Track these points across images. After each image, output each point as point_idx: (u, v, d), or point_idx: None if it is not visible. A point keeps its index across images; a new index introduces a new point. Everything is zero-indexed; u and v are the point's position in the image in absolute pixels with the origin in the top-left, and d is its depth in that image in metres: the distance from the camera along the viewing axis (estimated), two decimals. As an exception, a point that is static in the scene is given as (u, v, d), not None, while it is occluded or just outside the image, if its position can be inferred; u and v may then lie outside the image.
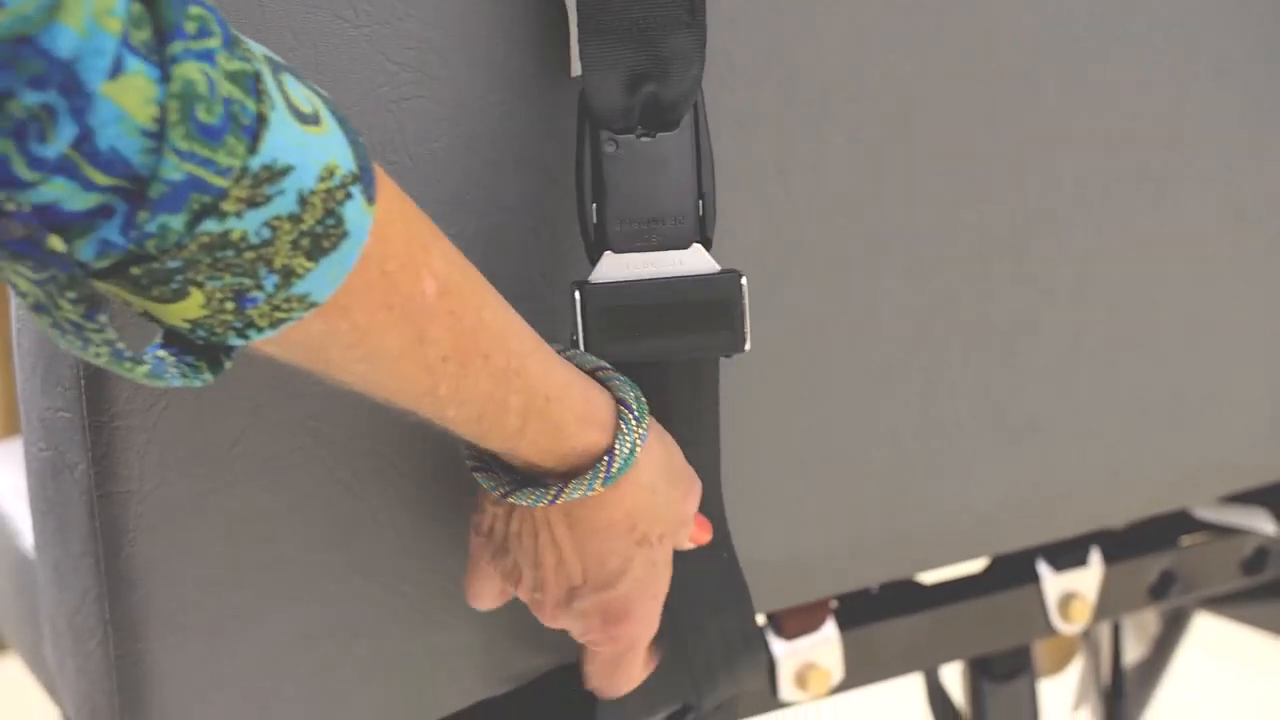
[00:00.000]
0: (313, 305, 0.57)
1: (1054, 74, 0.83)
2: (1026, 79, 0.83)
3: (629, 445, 0.68)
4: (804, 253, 0.80)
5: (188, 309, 0.55)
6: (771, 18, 0.76)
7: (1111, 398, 0.90)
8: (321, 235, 0.56)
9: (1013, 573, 0.96)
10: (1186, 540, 1.00)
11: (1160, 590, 0.99)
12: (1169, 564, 0.99)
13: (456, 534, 0.75)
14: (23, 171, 0.50)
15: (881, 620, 0.92)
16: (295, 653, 0.73)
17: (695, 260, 0.71)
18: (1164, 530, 1.00)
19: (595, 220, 0.70)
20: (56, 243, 0.52)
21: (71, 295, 0.53)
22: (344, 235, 0.56)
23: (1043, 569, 0.95)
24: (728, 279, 0.71)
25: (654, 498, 0.70)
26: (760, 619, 0.89)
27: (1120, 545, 0.98)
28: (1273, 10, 0.89)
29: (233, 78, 0.53)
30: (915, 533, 0.87)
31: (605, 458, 0.68)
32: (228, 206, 0.54)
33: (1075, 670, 1.19)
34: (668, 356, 0.71)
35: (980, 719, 1.04)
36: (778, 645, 0.89)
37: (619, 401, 0.69)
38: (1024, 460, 0.88)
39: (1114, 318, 0.89)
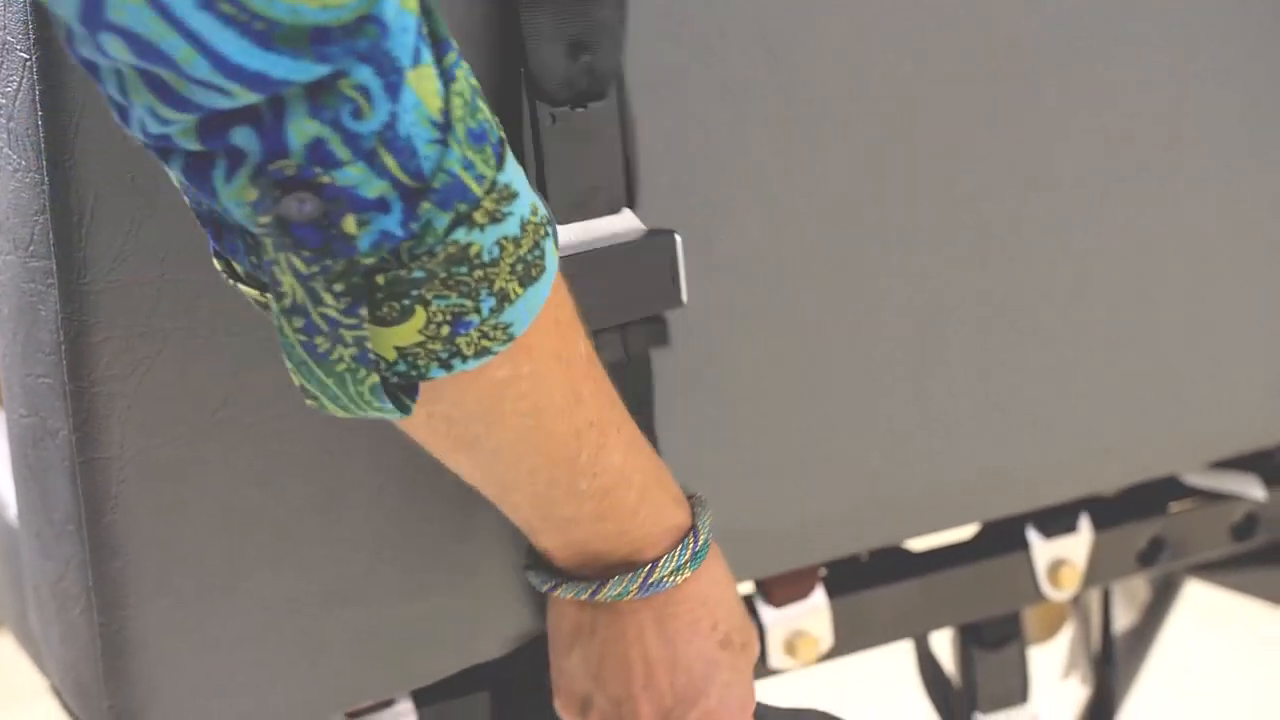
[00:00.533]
0: (511, 338, 0.59)
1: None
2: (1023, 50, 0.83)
3: (707, 523, 0.71)
4: (796, 218, 0.80)
5: (406, 332, 0.57)
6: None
7: (1102, 366, 0.90)
8: (531, 263, 0.58)
9: (1002, 539, 0.96)
10: (1176, 507, 1.00)
11: (1150, 557, 0.99)
12: (1158, 530, 0.99)
13: (441, 499, 0.75)
14: (339, 149, 0.53)
15: (871, 587, 0.92)
16: (280, 619, 0.73)
17: (626, 224, 0.72)
18: (1153, 497, 0.99)
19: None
20: (351, 224, 0.54)
21: (339, 288, 0.55)
22: (544, 269, 0.59)
23: (1032, 536, 0.95)
24: (664, 240, 0.73)
25: (726, 592, 0.73)
26: (748, 586, 0.89)
27: (1110, 512, 0.98)
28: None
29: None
30: (904, 499, 0.87)
31: (690, 535, 0.70)
32: (478, 217, 0.56)
33: (1065, 638, 1.19)
34: (617, 320, 0.72)
35: (970, 686, 1.04)
36: (766, 613, 0.88)
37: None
38: (1014, 428, 0.88)
39: (1106, 287, 0.89)
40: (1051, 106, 0.84)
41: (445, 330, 0.57)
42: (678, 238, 0.73)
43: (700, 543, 0.70)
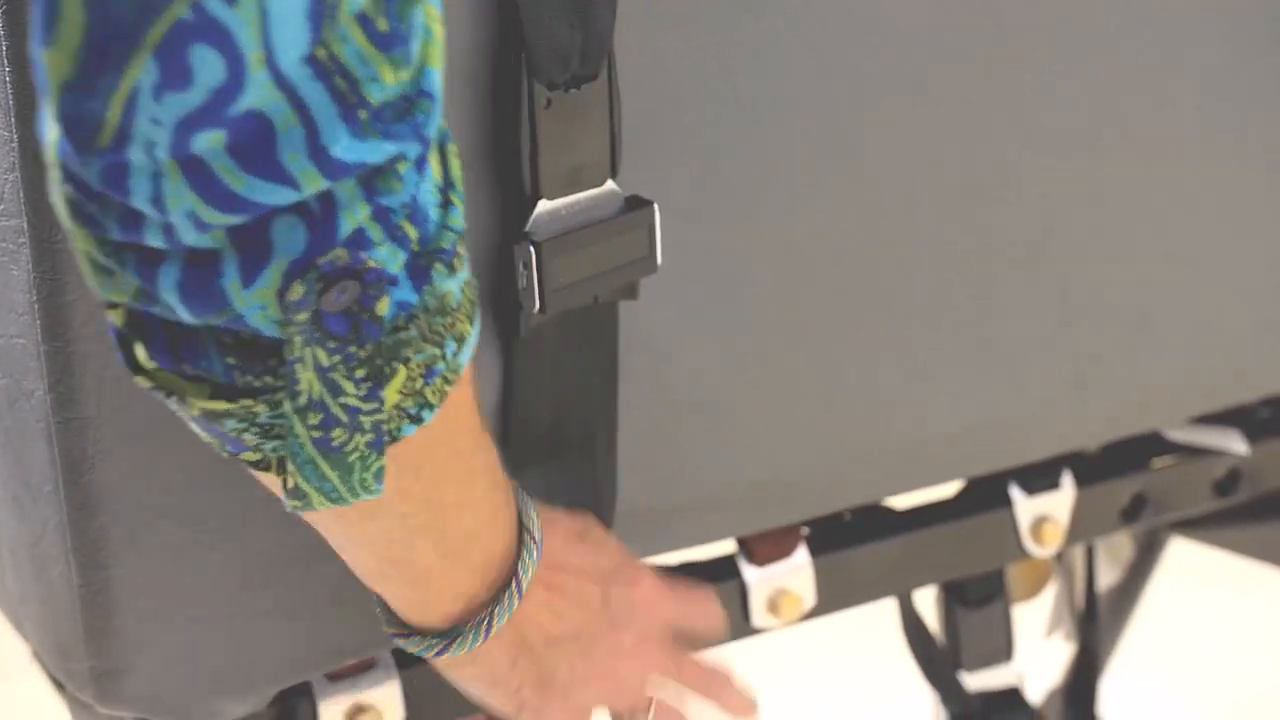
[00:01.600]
0: (457, 379, 0.57)
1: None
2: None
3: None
4: (774, 170, 0.79)
5: (388, 394, 0.55)
6: None
7: (1080, 314, 0.89)
8: (474, 303, 0.58)
9: (985, 497, 0.95)
10: (1159, 463, 1.00)
11: (1133, 513, 0.99)
12: (1141, 486, 0.99)
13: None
14: (373, 231, 0.51)
15: (853, 546, 0.92)
16: (260, 576, 0.73)
17: (610, 195, 0.73)
18: (1136, 452, 0.99)
19: (530, 173, 0.71)
20: (384, 306, 0.52)
21: (360, 374, 0.53)
22: (477, 307, 0.58)
23: (1015, 493, 0.95)
24: (648, 211, 0.74)
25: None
26: (730, 545, 0.89)
27: (1092, 468, 0.98)
28: None
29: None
30: (887, 456, 0.87)
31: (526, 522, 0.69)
32: (456, 263, 0.55)
33: (1049, 596, 1.19)
34: (601, 292, 0.74)
35: (954, 644, 1.04)
36: (749, 572, 0.88)
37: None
38: (996, 382, 0.88)
39: (1085, 234, 0.88)
40: (1036, 60, 0.83)
41: (419, 384, 0.56)
42: (655, 206, 0.73)
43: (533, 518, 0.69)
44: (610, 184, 0.73)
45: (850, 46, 0.79)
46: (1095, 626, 1.18)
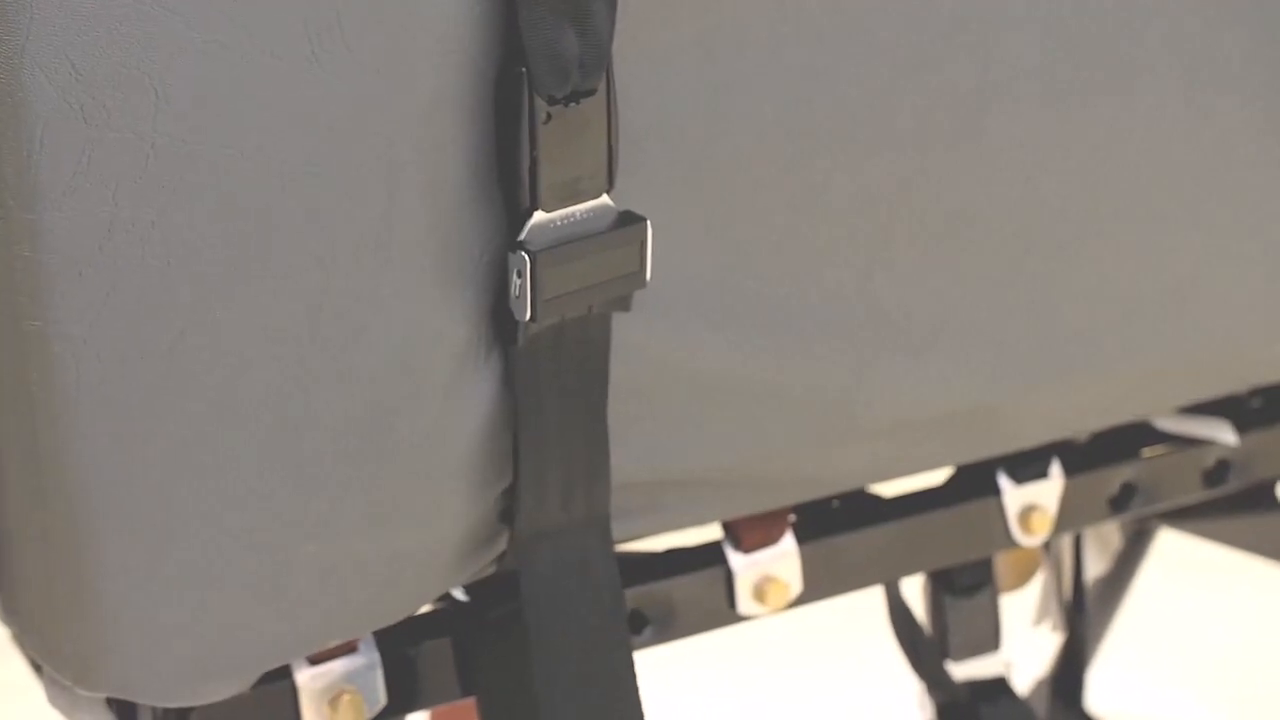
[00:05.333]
0: None
1: None
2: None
3: None
4: (766, 158, 0.79)
5: None
6: None
7: (1070, 301, 0.89)
8: None
9: (973, 485, 0.95)
10: (1148, 452, 1.00)
11: (1121, 502, 0.99)
12: (1130, 476, 0.99)
13: (406, 436, 0.74)
14: None
15: (840, 533, 0.92)
16: (244, 556, 0.72)
17: (604, 208, 0.75)
18: (1125, 442, 0.99)
19: (528, 185, 0.73)
20: None
21: None
22: None
23: (1003, 481, 0.95)
24: (640, 227, 0.75)
25: None
26: (718, 531, 0.89)
27: (1081, 457, 0.98)
28: None
29: None
30: (873, 441, 0.87)
31: None
32: None
33: (1037, 585, 1.19)
34: (590, 305, 0.75)
35: (942, 633, 1.04)
36: (735, 558, 0.88)
37: None
38: (982, 365, 0.88)
39: (1075, 219, 0.88)
40: (1024, 40, 0.83)
41: None
42: (648, 223, 0.75)
43: None
44: (605, 198, 0.74)
45: (844, 53, 0.78)
46: (1083, 617, 1.18)
